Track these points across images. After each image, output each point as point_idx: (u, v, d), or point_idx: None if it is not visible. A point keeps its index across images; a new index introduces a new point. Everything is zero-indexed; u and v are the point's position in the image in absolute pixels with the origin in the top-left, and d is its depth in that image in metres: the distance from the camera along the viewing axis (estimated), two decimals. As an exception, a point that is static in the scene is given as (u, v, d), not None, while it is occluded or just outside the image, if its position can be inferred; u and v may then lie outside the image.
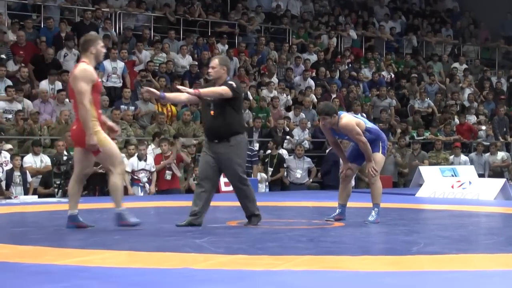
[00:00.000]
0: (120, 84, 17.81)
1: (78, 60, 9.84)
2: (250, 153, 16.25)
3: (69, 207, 8.29)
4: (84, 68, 7.92)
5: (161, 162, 14.93)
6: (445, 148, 19.91)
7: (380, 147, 9.09)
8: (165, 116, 17.02)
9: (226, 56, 9.75)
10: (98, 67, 17.78)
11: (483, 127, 21.25)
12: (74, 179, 8.27)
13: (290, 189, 16.93)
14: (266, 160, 16.82)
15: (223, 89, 8.34)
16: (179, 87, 8.48)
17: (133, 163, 14.68)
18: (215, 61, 8.62)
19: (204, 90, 8.52)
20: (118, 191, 8.02)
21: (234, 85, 8.41)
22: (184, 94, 8.44)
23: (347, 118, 8.99)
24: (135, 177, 14.77)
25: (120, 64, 17.96)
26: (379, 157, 9.08)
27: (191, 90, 8.44)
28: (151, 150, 15.34)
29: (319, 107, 9.34)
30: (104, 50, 8.32)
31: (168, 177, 15.01)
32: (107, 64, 17.57)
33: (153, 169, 14.87)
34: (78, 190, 8.29)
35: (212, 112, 8.43)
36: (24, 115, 15.18)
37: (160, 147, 15.11)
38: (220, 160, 8.42)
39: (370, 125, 9.19)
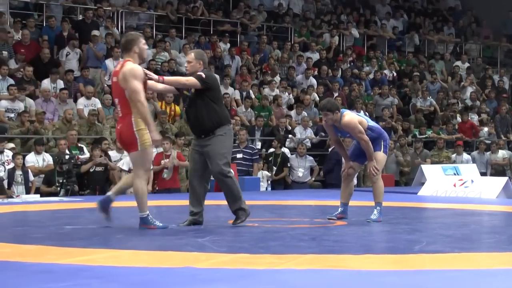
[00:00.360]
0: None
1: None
2: (251, 151, 16.26)
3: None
4: (132, 67, 7.94)
5: (162, 162, 14.86)
6: (447, 147, 19.89)
7: (382, 145, 9.08)
8: (167, 116, 17.00)
9: (202, 50, 9.56)
10: (101, 66, 17.82)
11: (486, 129, 21.20)
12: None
13: (292, 187, 16.92)
14: (270, 159, 16.82)
15: (188, 79, 8.24)
16: (145, 70, 8.23)
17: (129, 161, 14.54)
18: (191, 55, 8.53)
19: (168, 78, 8.47)
20: (143, 196, 7.95)
21: (203, 75, 8.23)
22: (160, 84, 8.32)
23: (349, 116, 8.97)
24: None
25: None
26: (381, 156, 9.07)
27: (155, 76, 8.25)
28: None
29: (321, 104, 9.29)
30: (146, 47, 8.39)
31: (165, 175, 14.85)
32: (109, 63, 17.56)
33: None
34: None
35: (189, 108, 8.39)
36: (29, 116, 15.17)
37: (162, 145, 15.01)
38: (206, 154, 8.32)
39: (372, 123, 9.18)
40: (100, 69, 17.79)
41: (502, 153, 20.06)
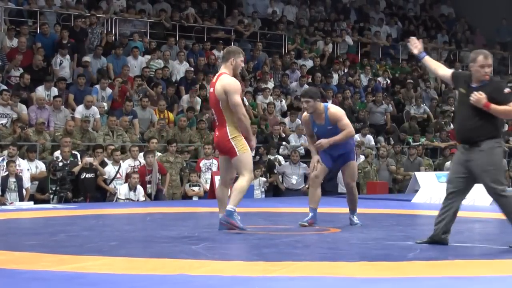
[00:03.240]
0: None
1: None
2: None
3: (219, 211, 8.57)
4: (231, 81, 8.35)
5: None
6: (437, 154, 19.96)
7: (355, 154, 9.33)
8: (166, 122, 17.00)
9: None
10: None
11: None
12: (220, 184, 8.70)
13: (286, 195, 16.90)
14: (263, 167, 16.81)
15: None
16: None
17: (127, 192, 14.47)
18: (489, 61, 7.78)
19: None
20: (241, 193, 8.31)
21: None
22: None
23: (335, 107, 9.26)
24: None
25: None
26: (356, 165, 9.34)
27: None
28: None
29: (303, 91, 9.39)
30: (242, 65, 8.86)
31: (149, 191, 14.69)
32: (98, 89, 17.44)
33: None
34: (225, 194, 8.63)
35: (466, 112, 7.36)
36: (22, 125, 15.13)
37: (146, 158, 14.89)
38: (471, 169, 7.38)
39: None
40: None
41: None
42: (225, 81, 8.36)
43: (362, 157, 18.14)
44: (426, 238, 7.54)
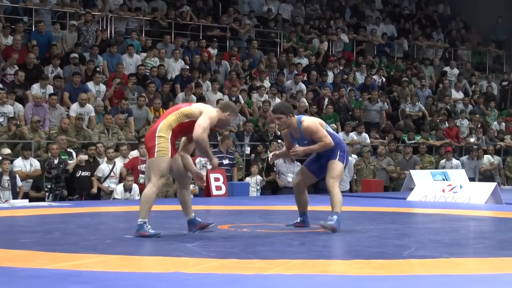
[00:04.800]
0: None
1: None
2: (233, 156, 16.21)
3: (185, 214, 8.32)
4: (213, 113, 7.94)
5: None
6: (433, 152, 19.94)
7: (338, 155, 8.62)
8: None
9: None
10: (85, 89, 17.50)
11: (472, 139, 21.18)
12: (179, 188, 8.36)
13: (282, 193, 16.89)
14: (261, 166, 16.79)
15: None
16: None
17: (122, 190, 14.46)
18: None
19: None
20: (148, 203, 7.88)
21: None
22: None
23: (309, 119, 8.67)
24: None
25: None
26: (336, 164, 8.61)
27: None
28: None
29: (274, 106, 8.83)
30: (229, 125, 8.43)
31: (141, 180, 14.63)
32: (91, 86, 17.36)
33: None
34: (185, 196, 8.32)
35: None
36: (17, 122, 15.10)
37: (139, 149, 14.80)
38: None
39: (330, 130, 8.82)
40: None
41: (488, 159, 20.12)
42: (209, 109, 7.96)
43: (354, 156, 18.09)
44: None
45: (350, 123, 19.31)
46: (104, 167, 14.67)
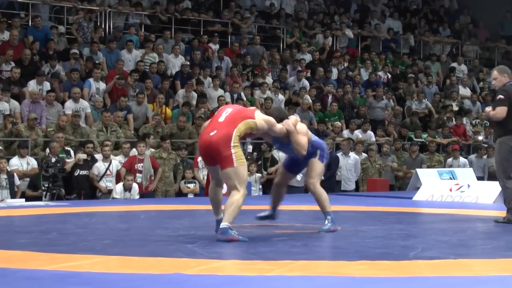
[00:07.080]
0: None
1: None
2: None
3: (215, 214, 8.18)
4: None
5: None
6: (441, 150, 19.80)
7: (318, 154, 8.58)
8: (161, 117, 16.84)
9: (504, 66, 10.63)
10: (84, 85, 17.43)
11: (480, 137, 21.05)
12: (213, 184, 8.24)
13: (287, 192, 16.70)
14: (259, 162, 16.65)
15: None
16: None
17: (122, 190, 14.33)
18: (494, 72, 9.74)
19: None
20: (238, 209, 7.66)
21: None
22: None
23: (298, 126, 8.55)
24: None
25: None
26: (316, 163, 8.57)
27: None
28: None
29: (269, 112, 8.76)
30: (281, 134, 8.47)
31: (139, 180, 14.51)
32: (92, 82, 17.26)
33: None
34: (218, 195, 8.26)
35: None
36: (13, 119, 14.98)
37: (137, 148, 14.65)
38: None
39: (315, 138, 8.76)
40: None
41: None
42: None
43: (352, 154, 17.82)
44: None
45: (355, 121, 19.18)
46: (99, 165, 14.50)
